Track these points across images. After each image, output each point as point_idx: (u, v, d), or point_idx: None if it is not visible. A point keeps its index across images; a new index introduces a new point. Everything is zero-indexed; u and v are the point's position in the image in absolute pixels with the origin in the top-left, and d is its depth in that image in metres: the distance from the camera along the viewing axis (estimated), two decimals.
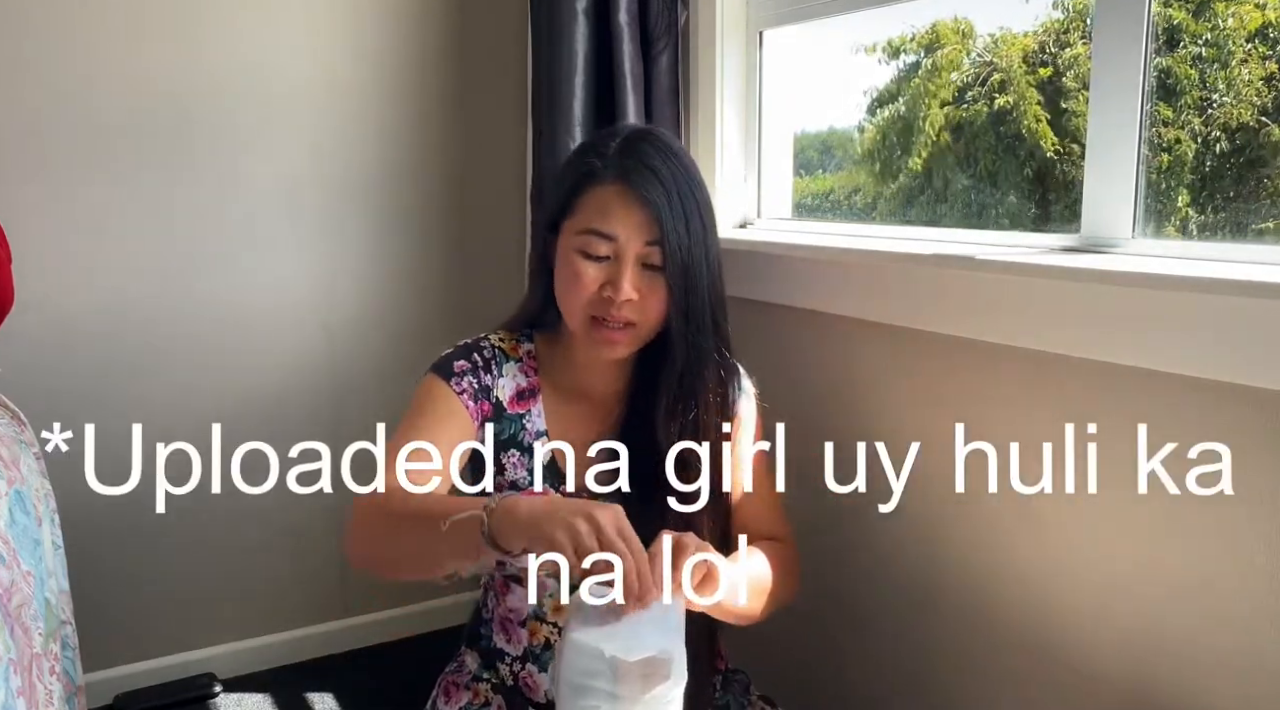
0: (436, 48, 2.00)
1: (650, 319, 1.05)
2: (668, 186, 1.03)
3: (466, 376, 1.10)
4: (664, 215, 1.02)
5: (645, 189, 1.02)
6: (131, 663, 1.90)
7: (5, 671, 0.92)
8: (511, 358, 1.14)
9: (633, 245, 1.03)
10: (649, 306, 1.04)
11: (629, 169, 1.03)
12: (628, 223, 1.03)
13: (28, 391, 1.61)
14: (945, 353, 1.26)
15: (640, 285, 1.03)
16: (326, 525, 2.03)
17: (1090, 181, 1.16)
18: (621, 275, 1.02)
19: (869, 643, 1.44)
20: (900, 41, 2.67)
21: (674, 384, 1.07)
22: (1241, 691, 0.97)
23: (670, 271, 1.03)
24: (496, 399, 1.12)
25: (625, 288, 1.02)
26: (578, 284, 1.04)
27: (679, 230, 1.02)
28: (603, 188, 1.04)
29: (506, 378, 1.13)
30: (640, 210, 1.02)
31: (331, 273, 1.98)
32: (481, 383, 1.11)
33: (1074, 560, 1.13)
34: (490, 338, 1.15)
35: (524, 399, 1.13)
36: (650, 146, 1.05)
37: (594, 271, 1.04)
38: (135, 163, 1.78)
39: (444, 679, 1.21)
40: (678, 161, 1.06)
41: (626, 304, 1.03)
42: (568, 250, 1.06)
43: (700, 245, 1.05)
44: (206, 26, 1.81)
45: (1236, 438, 0.95)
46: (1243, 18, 1.74)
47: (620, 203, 1.03)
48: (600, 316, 1.04)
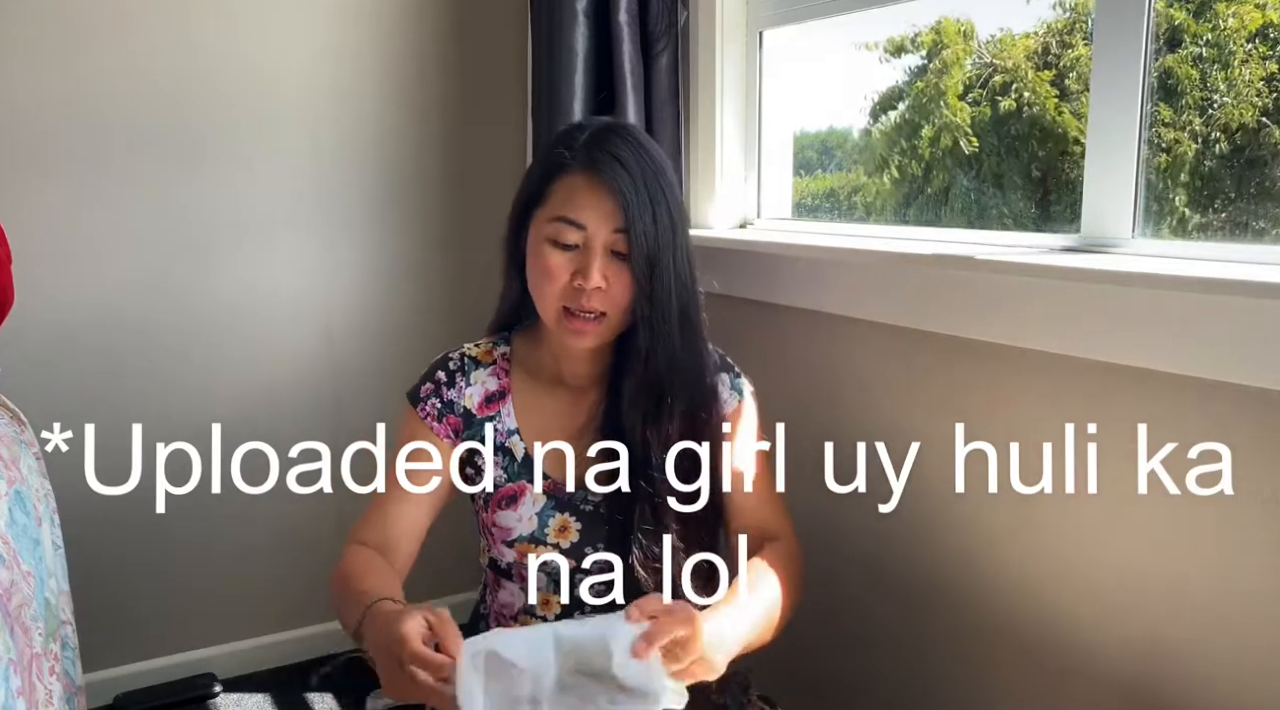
0: (436, 48, 2.00)
1: (619, 307, 1.06)
2: (634, 176, 1.04)
3: (431, 399, 1.14)
4: (629, 202, 1.03)
5: (612, 177, 1.03)
6: (131, 663, 1.90)
7: (5, 671, 0.92)
8: (483, 364, 1.16)
9: (600, 234, 1.04)
10: (616, 295, 1.05)
11: (596, 158, 1.05)
12: (596, 211, 1.04)
13: (28, 391, 1.61)
14: (945, 353, 1.26)
15: (608, 273, 1.04)
16: (326, 525, 2.03)
17: (1090, 181, 1.16)
18: (590, 264, 1.03)
19: (869, 642, 1.44)
20: (901, 40, 2.67)
21: (640, 371, 1.08)
22: (1242, 691, 0.97)
23: (635, 258, 1.04)
24: (464, 409, 1.14)
25: (594, 276, 1.03)
26: (549, 274, 1.05)
27: (644, 218, 1.04)
28: (571, 177, 1.05)
29: (475, 385, 1.15)
30: (607, 198, 1.03)
31: (331, 273, 1.98)
32: (445, 398, 1.14)
33: (1074, 560, 1.12)
34: (466, 346, 1.18)
35: (492, 402, 1.15)
36: (619, 138, 1.07)
37: (564, 261, 1.05)
38: (136, 163, 1.78)
39: None
40: (646, 154, 1.07)
41: (595, 292, 1.04)
42: (538, 240, 1.07)
43: (668, 234, 1.05)
44: (206, 27, 1.81)
45: (1236, 438, 0.95)
46: (1244, 18, 1.74)
47: (588, 190, 1.04)
48: (571, 307, 1.05)
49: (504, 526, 1.13)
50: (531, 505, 1.13)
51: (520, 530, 1.12)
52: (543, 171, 1.09)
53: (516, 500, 1.13)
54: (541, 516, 1.13)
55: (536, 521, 1.13)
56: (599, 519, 1.13)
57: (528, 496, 1.13)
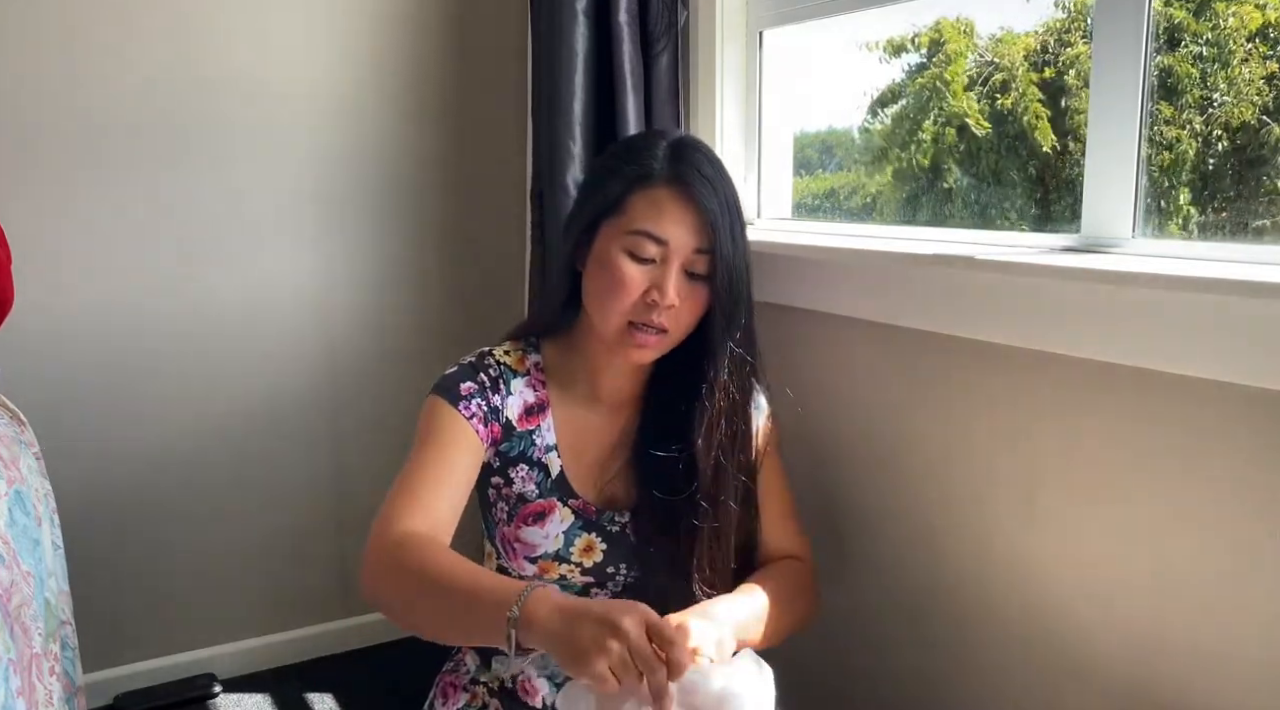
0: (436, 48, 2.00)
1: (683, 327, 1.05)
2: (720, 196, 1.03)
3: (475, 399, 1.07)
4: (719, 223, 1.02)
5: (702, 197, 1.01)
6: (131, 663, 1.91)
7: (5, 672, 0.92)
8: (518, 373, 1.11)
9: (682, 251, 1.02)
10: (684, 314, 1.04)
11: (684, 174, 1.02)
12: (681, 227, 1.02)
13: (28, 391, 1.62)
14: (945, 353, 1.26)
15: (682, 292, 1.03)
16: (326, 525, 2.03)
17: (1090, 181, 1.16)
18: (666, 280, 1.01)
19: (870, 642, 1.44)
20: (901, 40, 2.67)
21: (717, 396, 1.07)
22: (1243, 691, 0.97)
23: (719, 281, 1.03)
24: (506, 419, 1.09)
25: (670, 293, 1.01)
26: (622, 287, 1.02)
27: (728, 240, 1.02)
28: (655, 190, 1.03)
29: (514, 395, 1.10)
30: (695, 216, 1.02)
31: (331, 273, 1.98)
32: (490, 404, 1.08)
33: (1074, 560, 1.12)
34: (495, 352, 1.12)
35: (533, 414, 1.11)
36: (702, 156, 1.05)
37: (639, 274, 1.02)
38: (136, 164, 1.79)
39: (442, 679, 1.21)
40: (724, 173, 1.06)
41: (668, 310, 1.02)
42: (611, 251, 1.03)
43: (743, 258, 1.05)
44: (206, 28, 1.81)
45: (1237, 438, 0.95)
46: (1243, 17, 1.74)
47: (676, 206, 1.02)
48: (637, 321, 1.03)
49: (528, 542, 1.10)
50: (559, 523, 1.10)
51: (545, 547, 1.10)
52: (623, 181, 1.04)
53: (545, 517, 1.10)
54: (568, 535, 1.10)
55: (563, 539, 1.10)
56: (624, 540, 1.12)
57: (556, 514, 1.10)
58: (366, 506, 2.09)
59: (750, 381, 1.12)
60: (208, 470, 1.92)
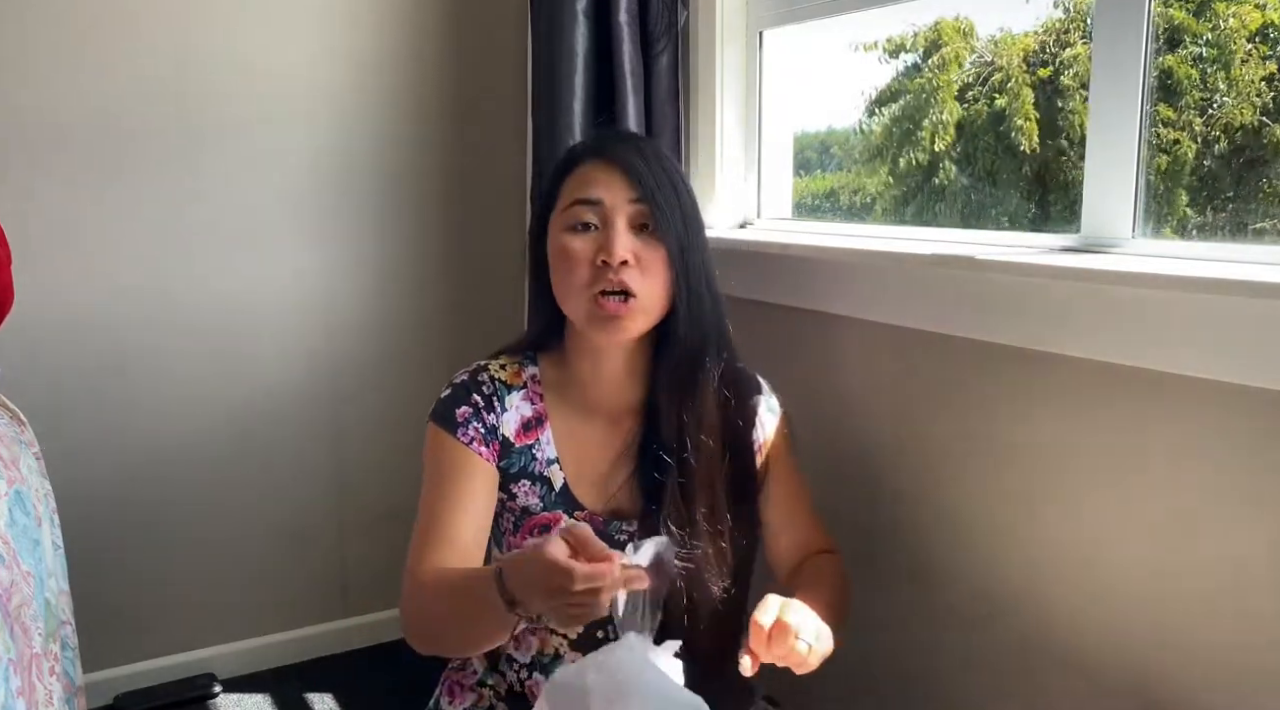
0: (436, 48, 2.00)
1: (651, 292, 1.02)
2: (645, 156, 1.05)
3: (471, 424, 1.06)
4: (643, 173, 1.02)
5: (624, 157, 1.03)
6: (131, 663, 1.90)
7: (5, 672, 0.92)
8: (514, 387, 1.10)
9: (619, 206, 1.02)
10: (648, 276, 1.02)
11: (603, 143, 1.06)
12: (610, 185, 1.03)
13: (28, 391, 1.61)
14: (945, 353, 1.26)
15: (636, 249, 1.02)
16: (326, 525, 2.03)
17: (1090, 181, 1.16)
18: (613, 237, 1.01)
19: (871, 642, 1.44)
20: (901, 40, 2.67)
21: (678, 355, 1.06)
22: (1243, 691, 0.97)
23: (662, 225, 1.02)
24: (503, 436, 1.09)
25: (617, 248, 1.00)
26: (572, 259, 1.02)
27: (665, 187, 1.03)
28: (581, 166, 1.06)
29: (510, 410, 1.09)
30: (620, 173, 1.03)
31: (331, 273, 1.98)
32: (487, 424, 1.07)
33: (1075, 560, 1.12)
34: (490, 367, 1.11)
35: (530, 429, 1.10)
36: (619, 132, 1.09)
37: (585, 243, 1.02)
38: (136, 164, 1.78)
39: (448, 677, 1.21)
40: (655, 146, 1.08)
41: (623, 267, 1.00)
42: (556, 237, 1.05)
43: (691, 210, 1.06)
44: (206, 26, 1.81)
45: (1237, 438, 0.95)
46: (1243, 18, 1.74)
47: (601, 170, 1.04)
48: (599, 292, 1.01)
49: None
50: None
51: None
52: (553, 178, 1.08)
53: (550, 530, 1.09)
54: None
55: None
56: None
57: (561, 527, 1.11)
58: (367, 507, 2.11)
59: (747, 386, 1.12)
60: (208, 470, 1.92)
